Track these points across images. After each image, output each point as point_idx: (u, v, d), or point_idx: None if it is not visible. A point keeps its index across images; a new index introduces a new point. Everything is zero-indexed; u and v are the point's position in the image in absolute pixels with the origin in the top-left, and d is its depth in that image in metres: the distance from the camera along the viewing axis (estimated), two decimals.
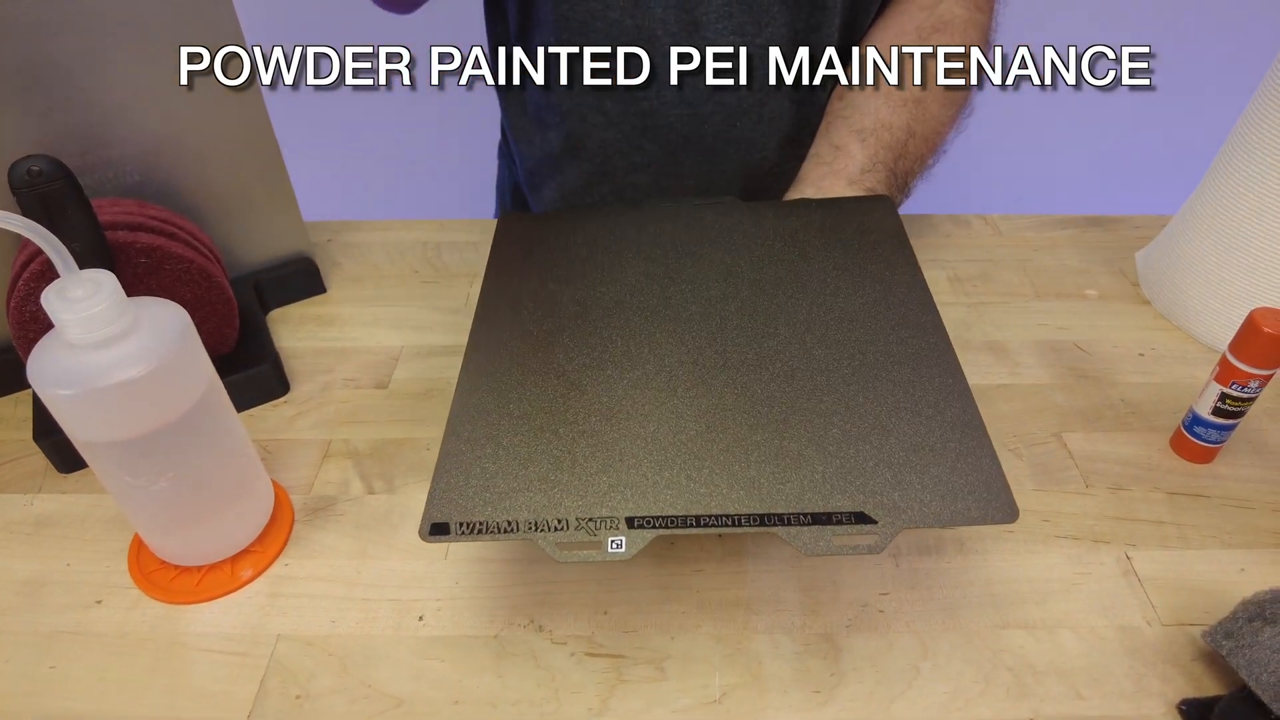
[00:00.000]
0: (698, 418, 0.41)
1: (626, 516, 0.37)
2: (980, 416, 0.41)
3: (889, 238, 0.53)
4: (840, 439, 0.40)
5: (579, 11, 0.65)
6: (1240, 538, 0.47)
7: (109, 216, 0.50)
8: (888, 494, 0.37)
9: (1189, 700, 0.39)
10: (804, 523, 0.37)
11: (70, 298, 0.36)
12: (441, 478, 0.39)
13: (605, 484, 0.38)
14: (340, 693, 0.41)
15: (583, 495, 0.38)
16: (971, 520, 0.36)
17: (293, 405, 0.57)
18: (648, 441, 0.40)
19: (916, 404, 0.41)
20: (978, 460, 0.39)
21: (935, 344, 0.45)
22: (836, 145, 0.64)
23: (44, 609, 0.45)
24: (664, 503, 0.38)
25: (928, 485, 0.38)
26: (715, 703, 0.40)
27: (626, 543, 0.36)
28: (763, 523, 0.37)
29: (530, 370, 0.45)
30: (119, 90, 0.53)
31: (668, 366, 0.44)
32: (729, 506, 0.37)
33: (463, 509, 0.38)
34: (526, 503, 0.38)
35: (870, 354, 0.44)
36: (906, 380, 0.43)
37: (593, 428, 0.41)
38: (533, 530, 0.37)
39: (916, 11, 0.68)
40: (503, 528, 0.37)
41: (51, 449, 0.51)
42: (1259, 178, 0.56)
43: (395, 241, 0.73)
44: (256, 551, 0.47)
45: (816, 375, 0.43)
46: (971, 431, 0.40)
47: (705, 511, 0.37)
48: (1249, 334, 0.46)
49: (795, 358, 0.44)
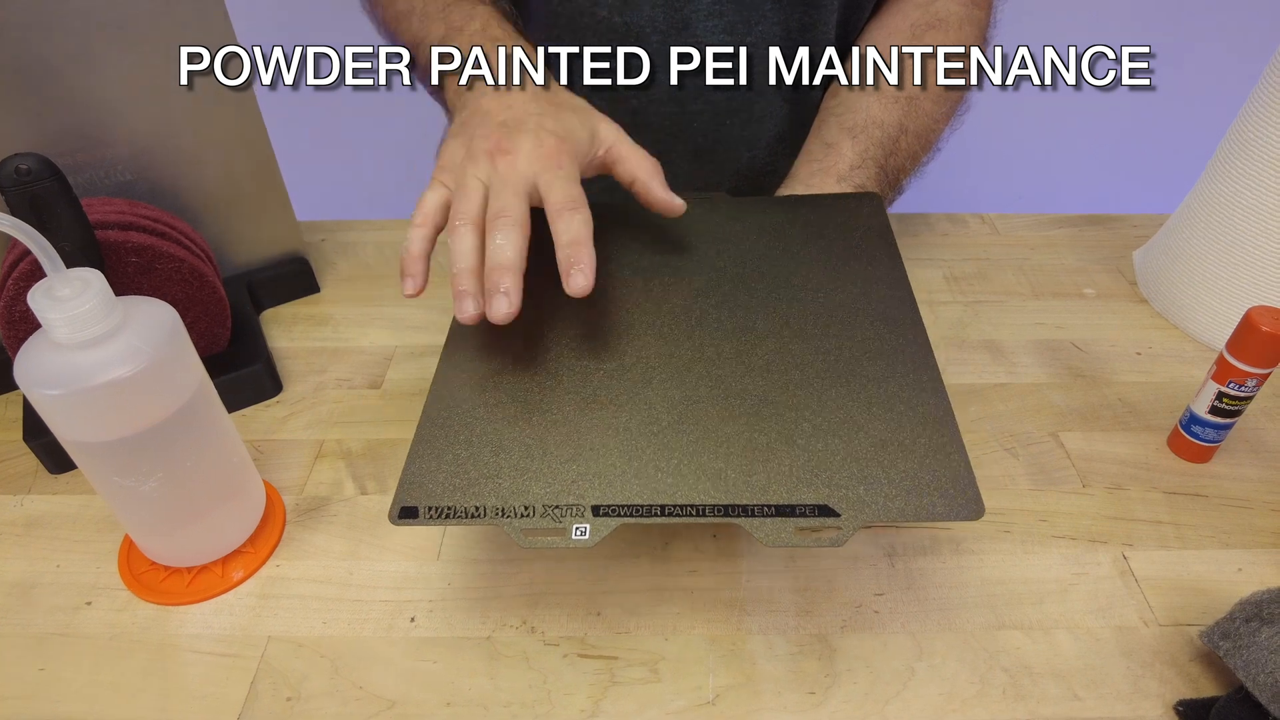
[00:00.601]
0: (670, 409, 0.42)
1: (593, 505, 0.37)
2: (952, 412, 0.41)
3: (874, 234, 0.53)
4: (810, 433, 0.40)
5: (567, 9, 0.64)
6: (1237, 537, 0.47)
7: (100, 215, 0.50)
8: (853, 488, 0.37)
9: (1186, 701, 0.39)
10: (768, 514, 0.37)
11: (57, 297, 0.36)
12: (414, 463, 0.40)
13: (574, 472, 0.39)
14: (332, 695, 0.40)
15: (551, 483, 0.38)
16: (935, 516, 0.36)
17: (285, 405, 0.57)
18: (619, 431, 0.41)
19: (889, 399, 0.41)
20: (947, 456, 0.39)
21: (912, 340, 0.45)
22: (828, 142, 0.64)
23: (34, 611, 0.44)
24: (631, 492, 0.38)
25: (894, 480, 0.38)
26: (709, 704, 0.40)
27: (590, 530, 0.37)
28: (727, 513, 0.37)
29: (507, 360, 0.45)
30: (111, 90, 0.53)
31: (645, 358, 0.45)
32: (695, 497, 0.38)
33: (432, 494, 0.38)
34: (495, 489, 0.38)
35: (847, 349, 0.44)
36: (880, 376, 0.43)
37: (566, 417, 0.42)
38: (499, 516, 0.37)
39: (911, 9, 0.68)
40: (470, 513, 0.38)
41: (42, 450, 0.51)
42: (1256, 177, 0.55)
43: (389, 241, 0.73)
44: (248, 552, 0.46)
45: (792, 370, 0.43)
46: (942, 427, 0.40)
47: (671, 501, 0.37)
48: (1246, 333, 0.46)
49: (772, 352, 0.45)
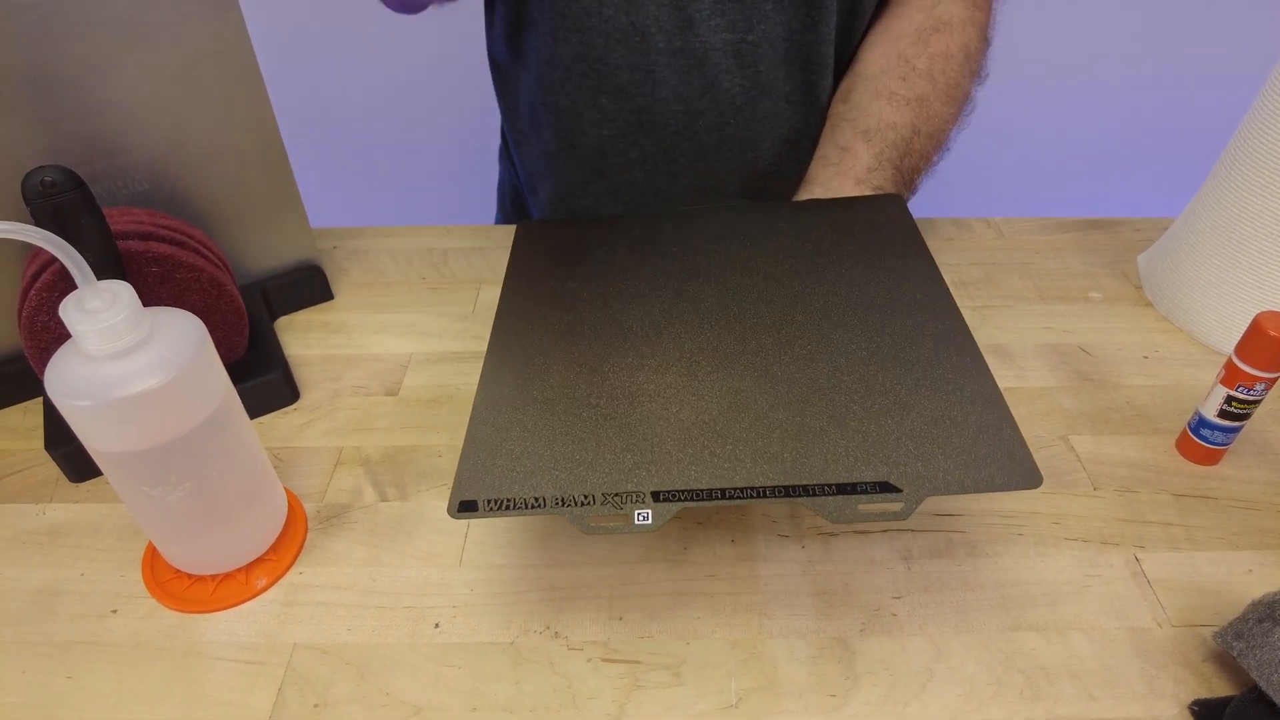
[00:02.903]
0: (719, 398, 0.42)
1: (652, 491, 0.38)
2: (999, 390, 0.41)
3: (901, 232, 0.54)
4: (862, 415, 0.40)
5: (574, 9, 0.65)
6: (1247, 539, 0.48)
7: (121, 226, 0.50)
8: (911, 464, 0.38)
9: (1200, 701, 0.40)
10: (829, 493, 0.37)
11: (88, 309, 0.36)
12: (468, 459, 0.40)
13: (630, 461, 0.39)
14: (358, 701, 0.41)
15: (608, 472, 0.39)
16: (996, 486, 0.37)
17: (303, 413, 0.57)
18: (670, 421, 0.41)
19: (935, 381, 0.42)
20: (999, 431, 0.39)
21: (952, 326, 0.45)
22: (842, 146, 0.65)
23: (58, 619, 0.45)
24: (689, 477, 0.38)
25: (950, 455, 0.38)
26: (732, 707, 0.40)
27: (653, 515, 0.37)
28: (788, 493, 0.37)
29: (552, 359, 0.46)
30: (127, 99, 0.53)
31: (688, 352, 0.45)
32: (754, 479, 0.38)
33: (490, 487, 0.39)
34: (553, 480, 0.39)
35: (888, 336, 0.45)
36: (925, 360, 0.43)
37: (615, 410, 0.42)
38: (559, 505, 0.38)
39: (915, 13, 0.68)
40: (530, 503, 0.38)
41: (64, 459, 0.51)
42: (1262, 182, 0.56)
43: (401, 248, 0.73)
44: (271, 560, 0.47)
45: (836, 357, 0.44)
46: (992, 404, 0.40)
47: (730, 485, 0.38)
48: (1255, 337, 0.47)
49: (814, 342, 0.45)
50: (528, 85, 0.72)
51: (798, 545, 0.47)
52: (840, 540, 0.48)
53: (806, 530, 0.48)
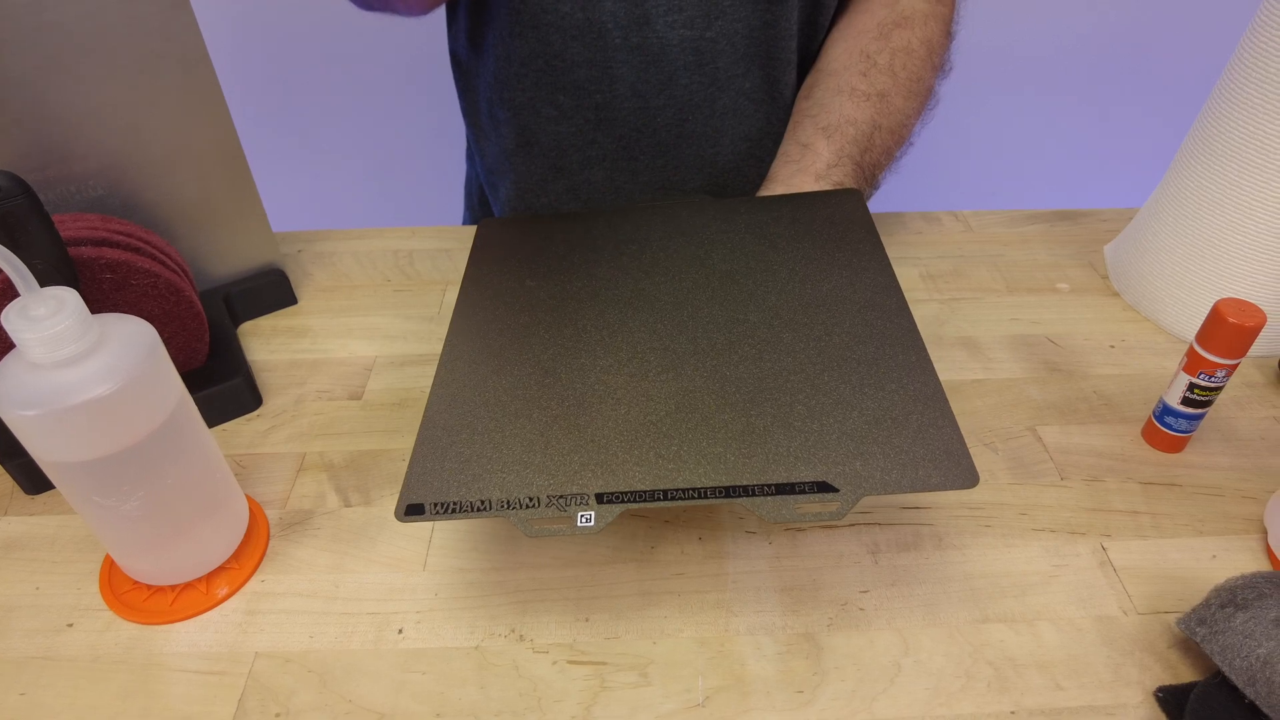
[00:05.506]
0: (668, 399, 0.43)
1: (596, 493, 0.38)
2: (942, 389, 0.42)
3: (857, 228, 0.54)
4: (805, 415, 0.41)
5: (530, 4, 0.64)
6: (1212, 525, 0.48)
7: (72, 232, 0.49)
8: (850, 464, 0.38)
9: (1165, 687, 0.40)
10: (768, 493, 0.38)
11: (32, 316, 0.35)
12: (418, 462, 0.40)
13: (576, 463, 0.40)
14: (321, 709, 0.40)
15: (554, 474, 0.39)
16: (931, 486, 0.37)
17: (266, 419, 0.56)
18: (619, 422, 0.41)
19: (880, 379, 0.42)
20: (939, 430, 0.40)
21: (899, 324, 0.46)
22: (803, 143, 0.65)
23: (13, 634, 0.44)
24: (633, 479, 0.39)
25: (889, 455, 0.39)
26: (699, 706, 0.40)
27: (595, 517, 0.37)
28: (728, 494, 0.38)
29: (506, 360, 0.46)
30: (81, 104, 0.52)
31: (640, 352, 0.46)
32: (695, 480, 0.38)
33: (437, 490, 0.39)
34: (500, 483, 0.39)
35: (836, 335, 0.45)
36: (870, 358, 0.44)
37: (565, 411, 0.42)
38: (505, 508, 0.38)
39: (878, 8, 0.68)
40: (475, 506, 0.38)
41: (18, 470, 0.50)
42: (1219, 170, 0.57)
43: (366, 250, 0.73)
44: (232, 568, 0.46)
45: (784, 357, 0.44)
46: (933, 403, 0.41)
47: (672, 486, 0.38)
48: (1214, 325, 0.47)
49: (764, 341, 0.46)
50: (485, 81, 0.71)
51: (765, 541, 0.47)
52: (808, 536, 0.47)
53: (774, 526, 0.48)
